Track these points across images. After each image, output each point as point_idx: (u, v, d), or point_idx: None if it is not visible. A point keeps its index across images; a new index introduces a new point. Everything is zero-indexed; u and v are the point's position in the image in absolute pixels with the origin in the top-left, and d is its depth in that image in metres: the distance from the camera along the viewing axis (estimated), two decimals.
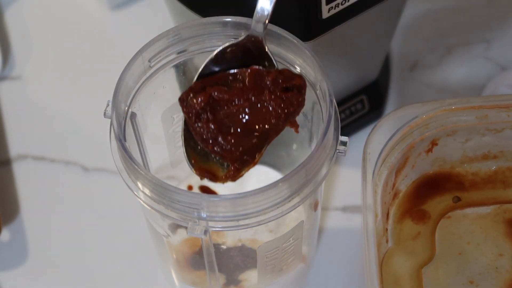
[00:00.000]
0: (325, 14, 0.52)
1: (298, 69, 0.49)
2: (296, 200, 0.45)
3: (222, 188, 0.60)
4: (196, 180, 0.61)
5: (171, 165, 0.58)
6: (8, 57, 0.74)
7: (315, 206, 0.52)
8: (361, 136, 0.69)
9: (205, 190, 0.61)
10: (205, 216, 0.44)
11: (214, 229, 0.44)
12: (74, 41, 0.75)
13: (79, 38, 0.75)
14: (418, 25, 0.75)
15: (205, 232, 0.44)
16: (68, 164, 0.69)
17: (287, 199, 0.45)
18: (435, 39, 0.75)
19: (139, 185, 0.46)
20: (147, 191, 0.45)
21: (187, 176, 0.62)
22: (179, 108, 0.47)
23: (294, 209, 0.45)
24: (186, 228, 0.45)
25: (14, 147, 0.69)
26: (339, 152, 0.47)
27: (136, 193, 0.46)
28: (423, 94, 0.71)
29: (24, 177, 0.68)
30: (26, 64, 0.74)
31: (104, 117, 0.49)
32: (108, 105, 0.48)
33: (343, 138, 0.47)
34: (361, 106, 0.68)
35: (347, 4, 0.53)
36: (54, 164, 0.69)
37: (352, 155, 0.68)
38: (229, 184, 0.56)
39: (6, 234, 0.65)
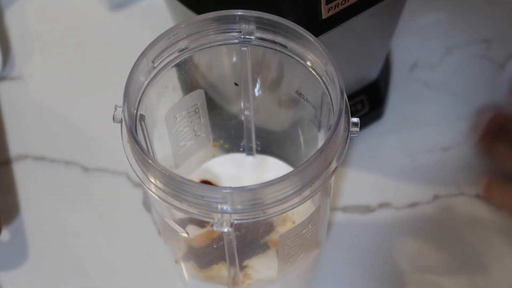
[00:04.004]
0: (325, 14, 0.52)
1: (308, 63, 0.49)
2: (317, 184, 0.45)
3: (223, 182, 0.60)
4: (196, 176, 0.61)
5: (175, 166, 0.58)
6: (8, 57, 0.74)
7: (329, 192, 0.52)
8: (361, 136, 0.69)
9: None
10: (229, 209, 0.44)
11: (239, 221, 0.44)
12: (74, 41, 0.75)
13: (79, 38, 0.75)
14: (418, 25, 0.75)
15: (231, 225, 0.44)
16: (68, 164, 0.69)
17: (308, 184, 0.45)
18: (435, 39, 0.75)
19: (159, 184, 0.45)
20: (168, 190, 0.45)
21: (189, 176, 0.62)
22: (181, 107, 0.47)
23: (316, 193, 0.45)
24: (208, 223, 0.45)
25: (14, 147, 0.69)
26: (352, 133, 0.47)
27: (156, 192, 0.46)
28: (423, 94, 0.72)
29: (24, 177, 0.68)
30: (26, 64, 0.74)
31: (113, 122, 0.48)
32: (116, 109, 0.48)
33: (354, 119, 0.48)
34: (361, 106, 0.68)
35: (347, 4, 0.53)
36: (54, 164, 0.69)
37: (352, 155, 0.68)
38: (230, 177, 0.56)
39: (6, 234, 0.65)
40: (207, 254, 0.56)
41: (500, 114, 0.65)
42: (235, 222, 0.44)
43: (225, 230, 0.44)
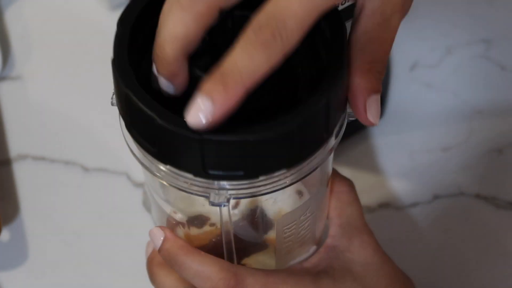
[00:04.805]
0: None
1: None
2: (315, 162, 0.44)
3: None
4: None
5: None
6: (8, 57, 0.74)
7: (327, 182, 0.51)
8: (360, 136, 0.69)
9: None
10: (226, 185, 0.43)
11: (236, 197, 0.44)
12: (74, 41, 0.75)
13: (79, 38, 0.75)
14: (418, 25, 0.75)
15: (228, 200, 0.43)
16: (68, 164, 0.69)
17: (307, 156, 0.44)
18: (435, 39, 0.75)
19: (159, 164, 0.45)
20: (165, 168, 0.44)
21: None
22: None
23: (318, 166, 0.44)
24: (206, 222, 0.45)
25: (14, 147, 0.69)
26: (349, 116, 0.45)
27: (156, 172, 0.45)
28: (423, 94, 0.71)
29: (24, 177, 0.68)
30: (26, 64, 0.74)
31: (111, 105, 0.48)
32: (113, 95, 0.48)
33: None
34: None
35: (347, 4, 0.53)
36: (54, 164, 0.69)
37: (352, 155, 0.68)
38: None
39: (6, 234, 0.65)
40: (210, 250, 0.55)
41: None
42: (232, 198, 0.44)
43: (222, 205, 0.43)
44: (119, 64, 0.44)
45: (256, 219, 0.51)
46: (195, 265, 0.47)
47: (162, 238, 0.48)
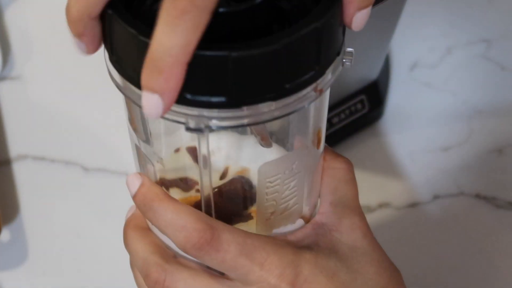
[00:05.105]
0: None
1: None
2: (305, 101, 0.41)
3: None
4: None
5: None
6: (8, 57, 0.74)
7: (318, 141, 0.48)
8: (361, 136, 0.69)
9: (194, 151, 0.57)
10: (205, 114, 0.40)
11: (216, 126, 0.40)
12: None
13: None
14: (418, 25, 0.75)
15: (209, 128, 0.40)
16: (68, 164, 0.69)
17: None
18: (435, 39, 0.75)
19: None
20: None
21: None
22: None
23: (306, 105, 0.41)
24: (193, 186, 0.43)
25: (14, 147, 0.69)
26: (345, 60, 0.43)
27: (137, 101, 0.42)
28: (423, 94, 0.72)
29: (24, 177, 0.68)
30: (26, 64, 0.74)
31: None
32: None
33: (349, 48, 0.44)
34: (361, 106, 0.68)
35: None
36: (54, 164, 0.69)
37: (352, 155, 0.68)
38: None
39: (6, 234, 0.65)
40: None
41: None
42: (213, 127, 0.40)
43: (200, 132, 0.39)
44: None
45: (245, 186, 0.48)
46: (169, 212, 0.43)
47: (139, 184, 0.45)
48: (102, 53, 0.72)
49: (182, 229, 0.43)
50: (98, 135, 0.70)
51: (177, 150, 0.47)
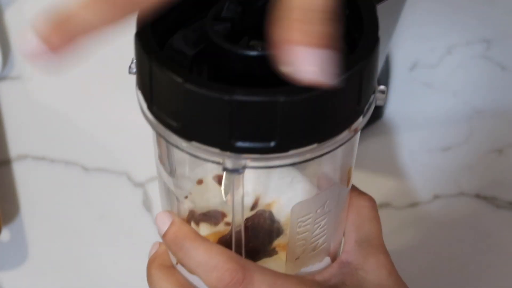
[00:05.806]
0: None
1: None
2: (343, 135, 0.41)
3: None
4: None
5: None
6: (8, 57, 0.74)
7: (348, 180, 0.49)
8: (361, 136, 0.69)
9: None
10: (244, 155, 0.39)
11: (251, 166, 0.40)
12: None
13: None
14: (418, 25, 0.75)
15: (244, 167, 0.39)
16: (68, 164, 0.69)
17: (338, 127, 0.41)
18: (435, 39, 0.75)
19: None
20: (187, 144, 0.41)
21: None
22: None
23: (346, 140, 0.41)
24: (222, 219, 0.43)
25: (14, 147, 0.69)
26: (378, 99, 0.44)
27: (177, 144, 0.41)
28: (423, 94, 0.72)
29: (24, 177, 0.68)
30: (26, 64, 0.74)
31: (129, 73, 0.46)
32: (132, 62, 0.46)
33: (381, 86, 0.44)
34: None
35: None
36: (54, 164, 0.69)
37: None
38: None
39: (6, 234, 0.65)
40: None
41: None
42: (248, 165, 0.39)
43: (236, 172, 0.39)
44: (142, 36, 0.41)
45: (268, 220, 0.49)
46: (201, 252, 0.43)
47: (169, 222, 0.45)
48: (102, 53, 0.72)
49: (213, 269, 0.43)
50: (98, 135, 0.70)
51: (199, 182, 0.46)
